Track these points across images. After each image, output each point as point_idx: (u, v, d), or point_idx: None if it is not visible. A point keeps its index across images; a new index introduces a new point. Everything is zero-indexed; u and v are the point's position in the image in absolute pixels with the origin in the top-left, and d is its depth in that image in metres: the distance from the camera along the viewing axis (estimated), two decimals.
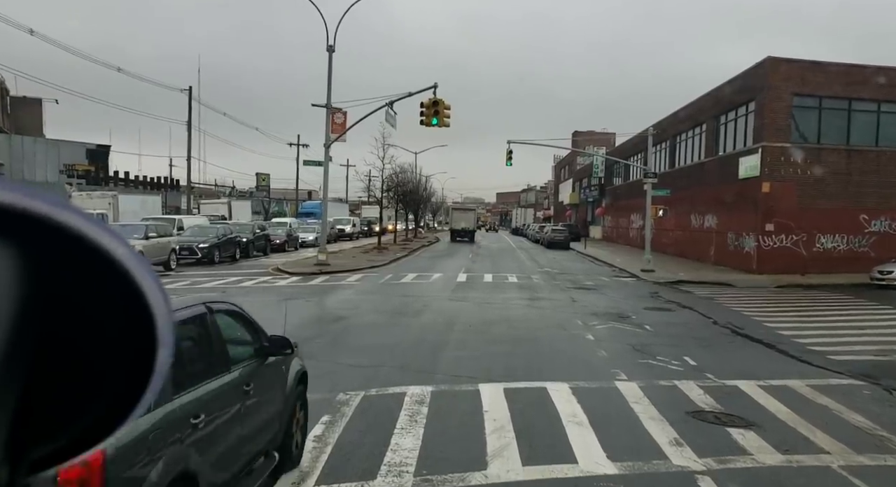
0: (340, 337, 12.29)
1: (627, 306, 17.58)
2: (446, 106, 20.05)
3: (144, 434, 3.47)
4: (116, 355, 0.58)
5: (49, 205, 0.51)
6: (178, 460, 3.74)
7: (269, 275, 22.87)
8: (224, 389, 4.51)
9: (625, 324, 14.57)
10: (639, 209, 50.45)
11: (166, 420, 3.71)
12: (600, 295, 20.12)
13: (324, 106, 24.54)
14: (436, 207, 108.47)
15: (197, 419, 4.00)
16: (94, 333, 0.57)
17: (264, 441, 5.17)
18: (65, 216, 0.52)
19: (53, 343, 0.56)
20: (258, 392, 5.00)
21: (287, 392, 5.72)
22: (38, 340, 0.54)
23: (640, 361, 10.99)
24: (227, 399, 4.53)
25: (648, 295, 20.71)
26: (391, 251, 37.20)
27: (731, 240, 31.12)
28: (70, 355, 0.58)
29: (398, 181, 45.26)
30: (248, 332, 5.31)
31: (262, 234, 34.23)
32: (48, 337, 0.55)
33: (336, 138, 24.33)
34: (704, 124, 35.99)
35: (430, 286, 21.09)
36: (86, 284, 0.55)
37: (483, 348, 11.55)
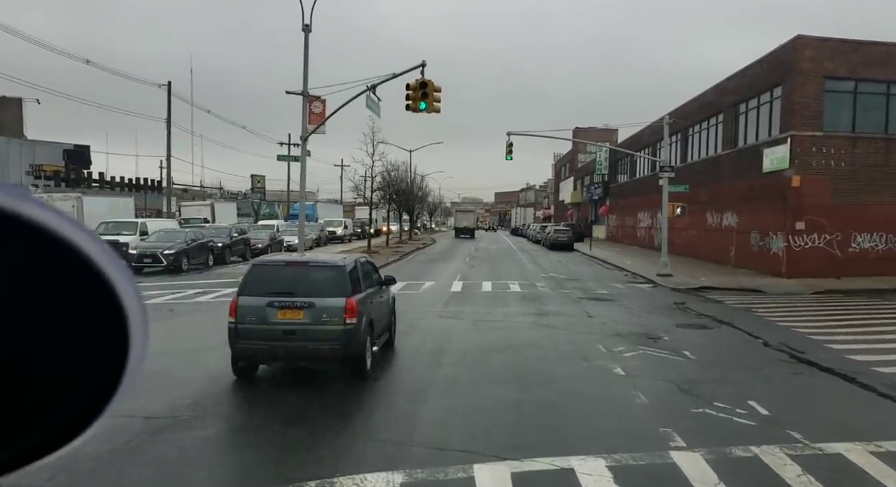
0: (285, 379, 9.39)
1: (654, 322, 14.70)
2: (436, 88, 17.19)
3: (360, 299, 8.90)
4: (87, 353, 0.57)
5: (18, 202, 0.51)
6: (369, 312, 9.37)
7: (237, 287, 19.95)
8: (374, 292, 10.15)
9: (658, 349, 11.67)
10: (647, 207, 47.62)
11: (364, 296, 9.17)
12: (619, 307, 17.23)
13: (299, 93, 21.63)
14: (433, 207, 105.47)
15: (370, 299, 9.67)
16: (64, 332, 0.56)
17: (386, 322, 11.10)
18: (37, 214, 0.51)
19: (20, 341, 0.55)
20: (382, 298, 10.89)
21: (391, 303, 11.84)
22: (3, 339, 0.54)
23: (693, 410, 8.10)
24: (375, 296, 10.18)
25: (674, 306, 17.83)
26: (382, 255, 34.30)
27: (754, 241, 28.25)
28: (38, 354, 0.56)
29: (390, 179, 42.29)
30: (376, 274, 11.05)
31: (241, 238, 31.33)
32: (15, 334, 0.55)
33: (314, 129, 21.44)
34: (721, 114, 33.11)
35: (419, 298, 18.19)
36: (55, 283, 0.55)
37: (480, 394, 8.64)
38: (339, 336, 8.66)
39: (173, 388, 8.54)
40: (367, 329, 9.23)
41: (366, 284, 9.78)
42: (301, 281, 9.07)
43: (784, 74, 25.79)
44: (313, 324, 8.65)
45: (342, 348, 8.70)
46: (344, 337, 8.67)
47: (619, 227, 57.83)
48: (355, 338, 8.80)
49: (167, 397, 8.10)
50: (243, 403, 8.45)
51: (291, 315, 8.71)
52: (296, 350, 8.74)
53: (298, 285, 8.96)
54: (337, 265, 9.39)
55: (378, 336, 10.13)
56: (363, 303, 9.14)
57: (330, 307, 8.71)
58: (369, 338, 9.39)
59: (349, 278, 9.14)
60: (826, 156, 25.05)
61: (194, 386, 8.78)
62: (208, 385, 8.91)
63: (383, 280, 11.25)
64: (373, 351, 9.60)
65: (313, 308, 8.68)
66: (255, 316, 8.75)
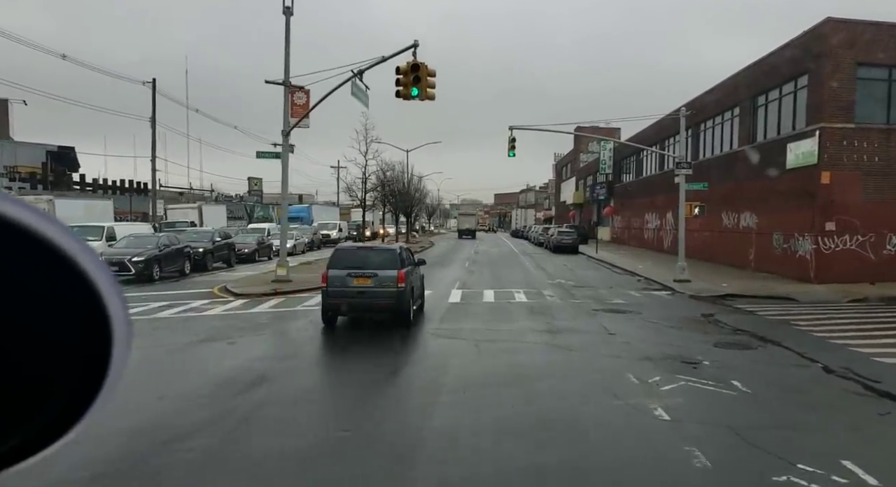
0: (237, 434, 7.19)
1: (686, 341, 12.56)
2: (429, 72, 15.03)
3: (406, 272, 12.85)
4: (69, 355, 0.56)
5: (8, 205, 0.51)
6: (411, 282, 13.28)
7: (209, 298, 17.79)
8: (412, 269, 13.80)
9: (700, 379, 9.52)
10: (655, 207, 45.48)
11: (407, 270, 13.00)
12: (640, 320, 15.08)
13: (280, 83, 19.51)
14: (431, 209, 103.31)
15: (411, 273, 13.41)
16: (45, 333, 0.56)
17: (420, 292, 14.67)
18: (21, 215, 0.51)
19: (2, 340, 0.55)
20: (417, 274, 14.56)
21: (422, 279, 15.28)
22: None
23: (775, 479, 5.96)
24: (414, 271, 14.03)
25: (702, 318, 15.69)
26: None
27: (777, 243, 26.12)
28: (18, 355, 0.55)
29: (385, 179, 40.10)
30: (412, 257, 14.61)
31: (225, 243, 29.16)
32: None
33: (296, 123, 19.31)
34: (737, 107, 30.98)
35: None
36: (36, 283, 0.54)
37: (487, 455, 6.48)
38: (393, 295, 12.73)
39: None
40: (409, 292, 13.24)
41: (408, 263, 13.92)
42: (368, 259, 13.20)
43: (811, 62, 23.67)
44: (377, 287, 12.74)
45: (395, 304, 12.80)
46: (396, 297, 12.76)
47: (625, 229, 55.68)
48: (404, 297, 12.90)
49: None
50: None
51: (362, 281, 12.79)
52: (364, 304, 12.86)
53: (367, 261, 13.12)
54: (392, 249, 13.87)
55: (416, 300, 14.33)
56: (408, 275, 13.21)
57: (388, 276, 12.76)
58: (411, 299, 13.46)
59: (399, 258, 13.30)
60: (858, 151, 22.93)
61: None
62: None
63: (416, 261, 15.35)
64: (413, 309, 13.76)
65: (377, 276, 12.80)
66: (339, 282, 12.79)
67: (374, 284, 12.77)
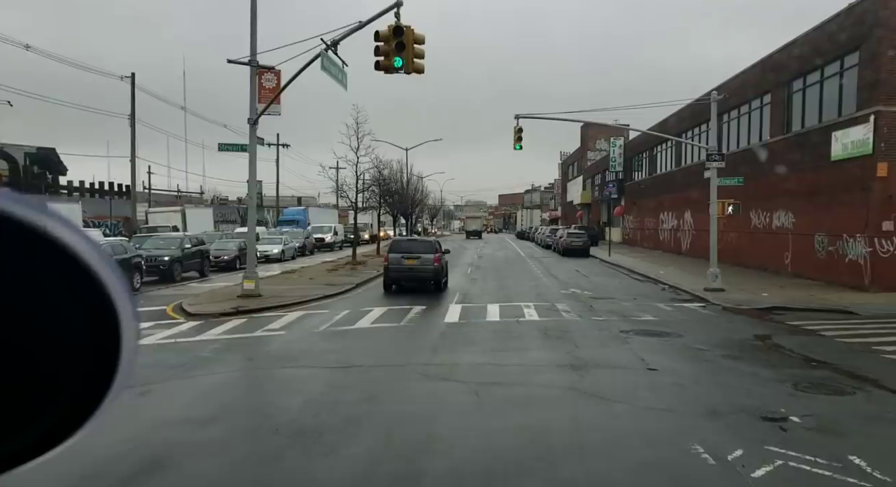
0: None
1: (754, 380, 9.46)
2: (417, 37, 11.96)
3: (439, 256, 20.49)
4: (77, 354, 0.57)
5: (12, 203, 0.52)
6: (442, 262, 20.91)
7: (157, 320, 14.70)
8: (443, 255, 21.28)
9: (803, 452, 6.40)
10: (672, 206, 42.32)
11: (440, 255, 20.61)
12: (683, 347, 11.99)
13: (246, 62, 16.51)
14: (434, 211, 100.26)
15: (442, 257, 21.08)
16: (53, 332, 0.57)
17: (446, 271, 21.64)
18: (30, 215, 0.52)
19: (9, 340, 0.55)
20: (444, 259, 21.32)
21: (446, 263, 21.88)
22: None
23: None
24: (443, 257, 21.50)
25: (758, 342, 12.61)
26: (369, 267, 29.10)
27: (820, 245, 22.99)
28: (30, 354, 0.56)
29: (380, 177, 37.02)
30: (441, 246, 21.99)
31: (197, 250, 26.14)
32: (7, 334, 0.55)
33: (265, 108, 16.31)
34: (769, 94, 27.86)
35: (396, 336, 12.98)
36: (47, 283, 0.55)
37: None
38: (432, 271, 19.87)
39: None
40: (441, 269, 20.44)
41: (440, 250, 20.99)
42: (414, 247, 20.61)
43: (863, 36, 20.55)
44: (421, 265, 19.74)
45: (433, 276, 19.99)
46: (434, 272, 19.90)
47: (638, 229, 52.55)
48: (439, 272, 20.23)
49: None
50: None
51: (411, 261, 19.75)
52: (413, 276, 19.95)
53: (414, 248, 20.39)
54: (430, 241, 22.25)
55: (444, 276, 21.24)
56: (440, 258, 20.30)
57: (428, 258, 19.80)
58: (441, 273, 20.55)
59: (434, 247, 20.66)
60: None
61: None
62: None
63: (443, 250, 22.06)
64: (442, 281, 20.87)
65: (420, 258, 19.79)
66: (396, 262, 19.90)
67: (418, 264, 19.86)
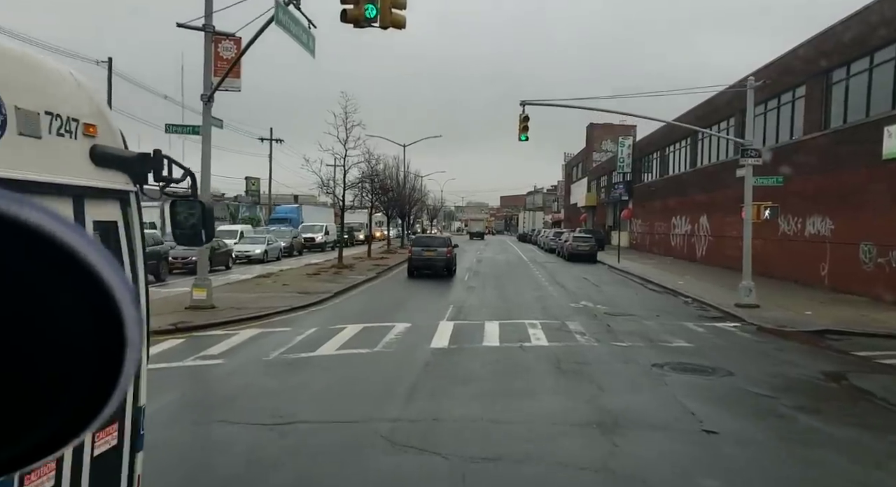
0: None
1: (855, 453, 6.65)
2: None
3: (451, 249, 27.49)
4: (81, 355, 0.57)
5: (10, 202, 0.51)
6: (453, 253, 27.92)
7: None
8: (453, 248, 28.11)
9: None
10: (686, 210, 39.45)
11: (452, 247, 27.93)
12: (738, 392, 9.16)
13: (200, 28, 13.71)
14: (434, 211, 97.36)
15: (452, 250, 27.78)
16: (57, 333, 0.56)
17: (455, 261, 28.31)
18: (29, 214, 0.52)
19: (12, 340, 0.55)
20: (454, 252, 28.17)
21: (455, 255, 28.43)
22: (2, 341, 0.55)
23: None
24: (454, 249, 28.15)
25: (831, 383, 9.80)
26: (355, 271, 26.28)
27: (866, 255, 20.15)
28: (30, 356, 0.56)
29: (372, 173, 34.12)
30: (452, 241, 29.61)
31: (154, 252, 23.27)
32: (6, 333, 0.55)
33: (220, 82, 13.50)
34: (802, 87, 25.05)
35: (365, 369, 10.11)
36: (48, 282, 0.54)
37: None
38: (445, 260, 26.04)
39: None
40: (452, 259, 26.81)
41: (452, 245, 27.30)
42: (432, 242, 28.20)
43: None
44: (437, 256, 25.89)
45: (446, 264, 26.14)
46: (447, 261, 26.16)
47: (647, 234, 49.71)
48: (451, 261, 26.61)
49: None
50: None
51: (429, 253, 26.01)
52: (430, 264, 25.87)
53: (431, 243, 27.76)
54: (444, 237, 31.55)
55: (454, 264, 27.50)
56: (451, 251, 26.62)
57: (442, 251, 26.14)
58: (452, 262, 26.93)
59: (447, 242, 27.64)
60: None
61: None
62: None
63: (453, 244, 28.31)
64: (453, 268, 27.19)
65: (436, 250, 26.17)
66: (417, 253, 26.14)
67: (435, 255, 26.00)
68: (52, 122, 2.58)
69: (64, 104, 2.69)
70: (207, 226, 3.57)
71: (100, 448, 2.91)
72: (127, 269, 3.19)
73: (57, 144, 2.63)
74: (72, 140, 2.74)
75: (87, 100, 2.93)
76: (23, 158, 2.41)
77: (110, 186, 2.99)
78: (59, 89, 2.75)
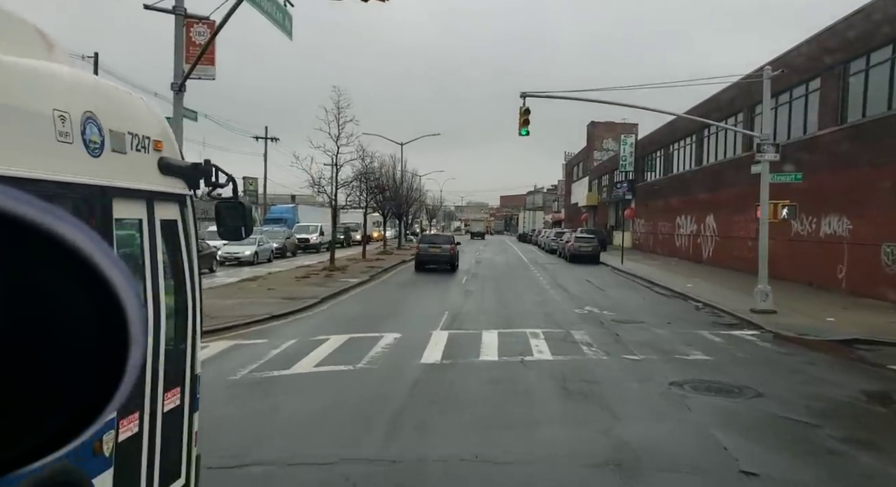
0: None
1: None
2: None
3: (454, 246, 31.43)
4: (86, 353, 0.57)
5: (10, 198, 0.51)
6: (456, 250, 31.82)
7: None
8: (456, 245, 32.24)
9: None
10: (690, 210, 38.23)
11: (456, 244, 32.44)
12: (773, 419, 7.92)
13: (169, 10, 12.49)
14: (433, 211, 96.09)
15: (455, 247, 31.75)
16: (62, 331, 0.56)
17: (457, 257, 31.39)
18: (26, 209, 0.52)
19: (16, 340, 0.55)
20: (458, 248, 32.57)
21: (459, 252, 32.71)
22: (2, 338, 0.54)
23: None
24: (457, 246, 32.48)
25: (874, 405, 8.59)
26: (347, 273, 25.05)
27: (888, 257, 18.93)
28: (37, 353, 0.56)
29: (366, 170, 32.87)
30: (455, 239, 34.76)
31: None
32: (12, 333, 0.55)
33: (191, 69, 12.29)
34: (817, 79, 23.84)
35: (344, 391, 8.85)
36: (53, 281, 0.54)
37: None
38: (449, 256, 28.98)
39: None
40: (455, 255, 29.72)
41: (455, 243, 31.25)
42: (437, 239, 31.93)
43: None
44: (442, 253, 28.88)
45: (450, 260, 28.93)
46: (451, 257, 29.01)
47: (650, 234, 48.50)
48: (454, 257, 29.42)
49: None
50: None
51: (435, 250, 29.24)
52: (436, 260, 28.81)
53: (436, 241, 31.32)
54: (448, 236, 34.78)
55: (457, 260, 30.20)
56: (454, 248, 29.94)
57: (447, 247, 29.25)
58: (455, 258, 29.70)
59: (451, 240, 31.63)
60: None
61: None
62: None
63: (456, 242, 32.18)
64: (455, 264, 29.52)
65: (441, 247, 29.33)
66: (424, 250, 29.58)
67: (440, 251, 28.96)
68: (132, 140, 3.30)
69: (140, 125, 3.40)
70: (247, 223, 4.31)
71: (168, 405, 3.66)
72: (184, 261, 3.91)
73: (135, 158, 3.34)
74: (146, 154, 3.44)
75: (156, 122, 3.69)
76: (114, 170, 3.10)
77: (173, 191, 3.71)
78: (135, 113, 3.47)
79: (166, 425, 3.63)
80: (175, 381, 3.80)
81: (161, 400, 3.57)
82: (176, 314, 3.87)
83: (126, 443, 3.21)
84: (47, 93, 2.81)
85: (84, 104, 2.95)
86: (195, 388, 4.15)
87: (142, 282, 3.39)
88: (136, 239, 3.44)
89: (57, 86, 2.91)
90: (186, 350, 4.02)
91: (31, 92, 2.73)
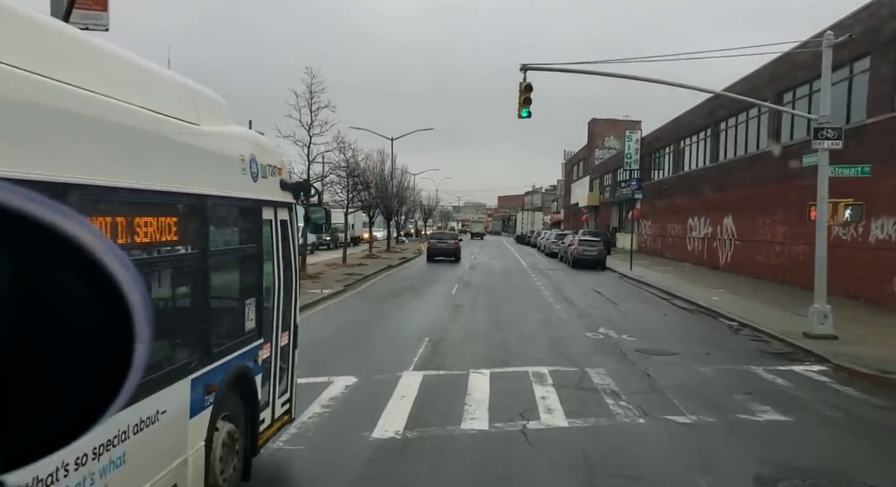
0: None
1: None
2: None
3: (458, 241, 41.58)
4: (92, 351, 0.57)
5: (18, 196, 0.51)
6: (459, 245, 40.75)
7: None
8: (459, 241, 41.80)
9: None
10: (704, 210, 34.85)
11: (459, 240, 43.19)
12: None
13: None
14: (428, 210, 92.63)
15: (460, 243, 41.69)
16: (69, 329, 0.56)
17: (460, 250, 39.83)
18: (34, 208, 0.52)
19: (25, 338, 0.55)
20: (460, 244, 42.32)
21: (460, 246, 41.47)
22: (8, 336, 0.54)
23: None
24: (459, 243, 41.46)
25: None
26: (320, 282, 21.65)
27: None
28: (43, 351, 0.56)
29: (347, 164, 29.42)
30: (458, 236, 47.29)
31: None
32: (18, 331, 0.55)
33: (70, 6, 8.93)
34: (867, 57, 20.52)
35: None
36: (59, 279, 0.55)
37: None
38: (454, 249, 37.56)
39: None
40: (458, 249, 38.22)
41: (457, 239, 40.14)
42: (444, 236, 41.17)
43: None
44: (447, 247, 37.65)
45: (454, 253, 37.42)
46: (455, 250, 37.70)
47: (658, 236, 45.16)
48: (457, 251, 37.92)
49: None
50: None
51: (442, 245, 38.14)
52: (442, 252, 37.36)
53: (443, 237, 41.01)
54: (454, 234, 46.84)
55: (459, 252, 38.51)
56: (457, 244, 38.56)
57: (451, 243, 38.29)
58: (458, 251, 38.10)
59: (455, 236, 41.19)
60: None
61: None
62: None
63: (459, 239, 41.33)
64: (459, 257, 37.90)
65: (447, 243, 38.39)
66: (434, 245, 38.62)
67: (446, 246, 37.27)
68: (268, 169, 5.55)
69: (272, 158, 5.75)
70: (328, 223, 7.73)
71: (282, 342, 5.97)
72: (292, 248, 6.24)
73: (270, 180, 5.62)
74: (274, 177, 5.73)
75: (278, 154, 6.22)
76: (262, 189, 5.39)
77: (287, 201, 6.06)
78: (271, 151, 5.93)
79: (282, 354, 6.04)
80: (286, 326, 6.09)
81: (279, 338, 5.89)
82: (285, 281, 6.00)
83: (265, 361, 5.47)
84: (237, 145, 5.07)
85: (249, 149, 5.23)
86: (296, 334, 6.52)
87: (272, 261, 5.68)
88: (269, 232, 5.63)
89: (240, 141, 5.20)
90: (292, 306, 6.31)
91: (230, 146, 4.96)
